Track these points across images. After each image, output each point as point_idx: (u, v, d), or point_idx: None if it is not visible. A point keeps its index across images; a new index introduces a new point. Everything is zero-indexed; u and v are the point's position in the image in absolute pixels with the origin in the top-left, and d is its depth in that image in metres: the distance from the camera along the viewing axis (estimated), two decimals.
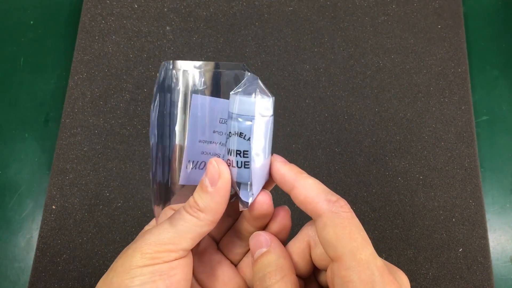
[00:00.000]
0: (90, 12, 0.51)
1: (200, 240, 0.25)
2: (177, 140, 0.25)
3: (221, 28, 0.51)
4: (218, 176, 0.24)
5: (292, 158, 0.46)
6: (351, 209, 0.23)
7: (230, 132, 0.23)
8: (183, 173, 0.26)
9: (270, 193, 0.25)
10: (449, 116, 0.48)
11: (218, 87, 0.25)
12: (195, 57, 0.49)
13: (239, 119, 0.23)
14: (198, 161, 0.26)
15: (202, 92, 0.25)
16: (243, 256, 0.29)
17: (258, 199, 0.25)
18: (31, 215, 0.47)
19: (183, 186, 0.26)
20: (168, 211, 0.28)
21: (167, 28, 0.51)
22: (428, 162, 0.47)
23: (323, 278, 0.27)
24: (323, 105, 0.48)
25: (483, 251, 0.44)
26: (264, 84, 0.24)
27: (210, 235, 0.30)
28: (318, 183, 0.24)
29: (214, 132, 0.25)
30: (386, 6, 0.52)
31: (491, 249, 0.45)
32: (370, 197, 0.46)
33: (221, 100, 0.25)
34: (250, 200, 0.24)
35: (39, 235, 0.44)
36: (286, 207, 0.27)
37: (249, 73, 0.25)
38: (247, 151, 0.23)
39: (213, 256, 0.29)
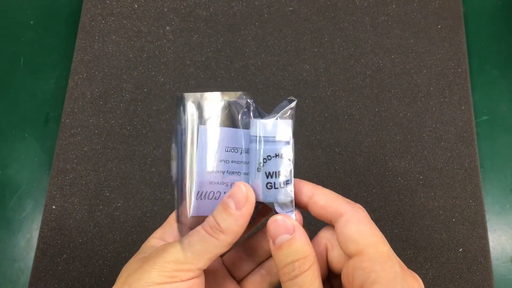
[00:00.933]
0: (90, 12, 0.51)
1: None
2: (188, 173, 0.25)
3: (221, 28, 0.51)
4: (245, 200, 0.24)
5: None
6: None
7: (269, 156, 0.25)
8: (194, 205, 0.26)
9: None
10: (449, 116, 0.48)
11: (225, 117, 0.26)
12: (195, 57, 0.49)
13: (280, 142, 0.25)
14: (207, 192, 0.26)
15: (208, 123, 0.25)
16: (247, 273, 0.29)
17: (297, 217, 0.26)
18: (31, 215, 0.47)
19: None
20: (170, 220, 0.28)
21: (167, 28, 0.51)
22: (428, 162, 0.47)
23: (336, 282, 0.27)
24: (323, 105, 0.48)
25: (483, 251, 0.44)
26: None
27: None
28: (333, 192, 0.26)
29: (220, 161, 0.26)
30: (386, 6, 0.52)
31: (491, 249, 0.45)
32: (370, 197, 0.46)
33: (227, 129, 0.26)
34: (294, 217, 0.25)
35: (39, 235, 0.44)
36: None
37: (251, 101, 0.26)
38: (288, 171, 0.25)
39: (219, 272, 0.29)
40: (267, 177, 0.25)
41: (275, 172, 0.25)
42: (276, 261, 0.25)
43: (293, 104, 0.25)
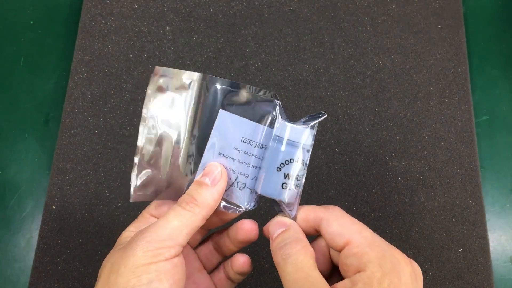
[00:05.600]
0: (90, 12, 0.51)
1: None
2: (184, 143, 0.27)
3: (221, 28, 0.51)
4: (220, 176, 0.27)
5: None
6: None
7: (291, 159, 0.27)
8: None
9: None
10: (449, 116, 0.48)
11: (248, 110, 0.27)
12: (195, 57, 0.49)
13: (303, 148, 0.27)
14: None
15: (231, 110, 0.27)
16: (216, 265, 0.32)
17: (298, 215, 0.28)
18: (31, 215, 0.47)
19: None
20: (145, 214, 0.29)
21: (167, 28, 0.51)
22: (428, 162, 0.47)
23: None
24: (323, 105, 0.48)
25: (483, 251, 0.44)
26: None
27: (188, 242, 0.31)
28: (308, 205, 0.28)
29: (234, 149, 0.27)
30: (386, 6, 0.52)
31: (491, 249, 0.45)
32: (370, 197, 0.46)
33: (248, 121, 0.27)
34: (295, 214, 0.28)
35: (39, 235, 0.44)
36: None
37: (278, 102, 0.27)
38: (302, 175, 0.27)
39: (193, 264, 0.31)
40: (284, 178, 0.27)
41: (292, 174, 0.27)
42: (272, 251, 0.26)
43: (322, 118, 0.27)
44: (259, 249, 0.44)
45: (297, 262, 0.25)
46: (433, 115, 0.48)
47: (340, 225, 0.26)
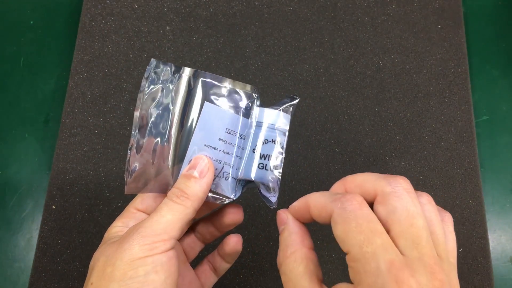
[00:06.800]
0: (90, 12, 0.51)
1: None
2: (173, 138, 0.28)
3: (221, 28, 0.51)
4: (207, 169, 0.27)
5: (292, 158, 0.46)
6: (361, 200, 0.23)
7: (266, 140, 0.28)
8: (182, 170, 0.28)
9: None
10: (449, 116, 0.48)
11: (229, 102, 0.28)
12: (195, 57, 0.49)
13: (278, 130, 0.28)
14: None
15: (216, 102, 0.28)
16: (198, 253, 0.33)
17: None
18: (31, 215, 0.47)
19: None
20: (131, 208, 0.30)
21: (167, 28, 0.51)
22: (428, 162, 0.47)
23: None
24: (323, 105, 0.48)
25: (483, 251, 0.44)
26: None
27: None
28: (324, 192, 0.25)
29: (219, 140, 0.28)
30: (386, 6, 0.52)
31: (491, 249, 0.45)
32: None
33: (230, 113, 0.28)
34: (275, 199, 0.29)
35: (39, 235, 0.44)
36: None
37: (256, 95, 0.29)
38: (280, 158, 0.28)
39: (179, 256, 0.31)
40: (261, 158, 0.28)
41: (269, 155, 0.28)
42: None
43: (295, 102, 0.29)
44: (259, 249, 0.44)
45: (287, 272, 0.24)
46: (433, 115, 0.48)
47: (344, 231, 0.22)
